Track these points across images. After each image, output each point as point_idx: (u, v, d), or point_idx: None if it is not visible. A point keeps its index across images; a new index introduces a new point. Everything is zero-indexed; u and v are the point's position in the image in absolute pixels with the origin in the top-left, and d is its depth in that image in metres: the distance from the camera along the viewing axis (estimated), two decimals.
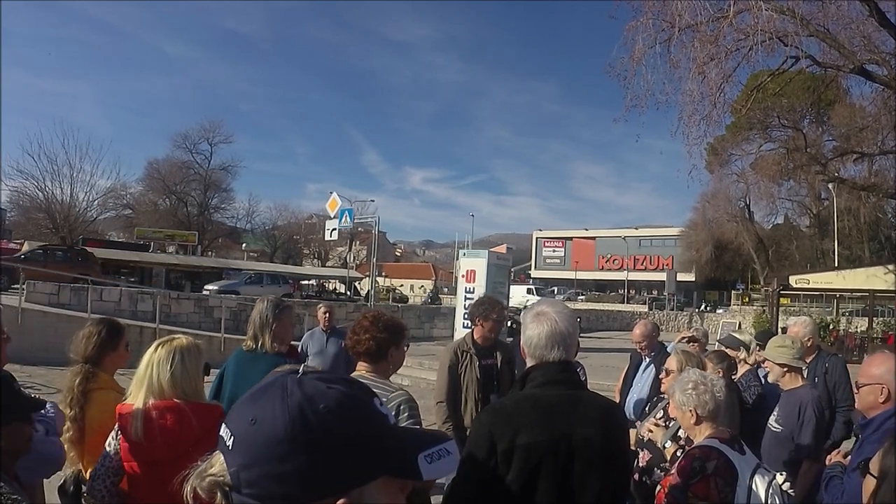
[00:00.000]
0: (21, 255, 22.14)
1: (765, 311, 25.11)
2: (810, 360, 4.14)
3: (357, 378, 1.03)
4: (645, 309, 41.60)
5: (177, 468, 0.74)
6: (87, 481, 2.33)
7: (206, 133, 48.27)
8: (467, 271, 12.58)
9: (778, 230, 46.20)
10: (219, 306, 16.86)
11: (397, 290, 48.17)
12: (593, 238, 71.87)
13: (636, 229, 70.51)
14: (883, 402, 2.30)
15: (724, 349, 4.48)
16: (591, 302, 50.74)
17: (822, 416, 3.26)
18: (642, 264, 67.09)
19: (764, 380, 3.94)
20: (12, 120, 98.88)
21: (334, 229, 23.32)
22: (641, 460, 3.10)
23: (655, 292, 58.92)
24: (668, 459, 2.82)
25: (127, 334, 2.86)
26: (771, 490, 2.24)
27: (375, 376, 2.40)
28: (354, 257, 54.61)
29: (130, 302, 15.58)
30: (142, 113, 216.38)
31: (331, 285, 44.91)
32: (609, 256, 69.50)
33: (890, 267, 18.14)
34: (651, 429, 3.08)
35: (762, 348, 4.07)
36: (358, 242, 58.82)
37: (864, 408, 2.39)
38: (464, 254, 14.14)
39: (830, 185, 29.24)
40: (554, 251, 74.91)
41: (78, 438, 2.48)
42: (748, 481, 2.24)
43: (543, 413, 1.72)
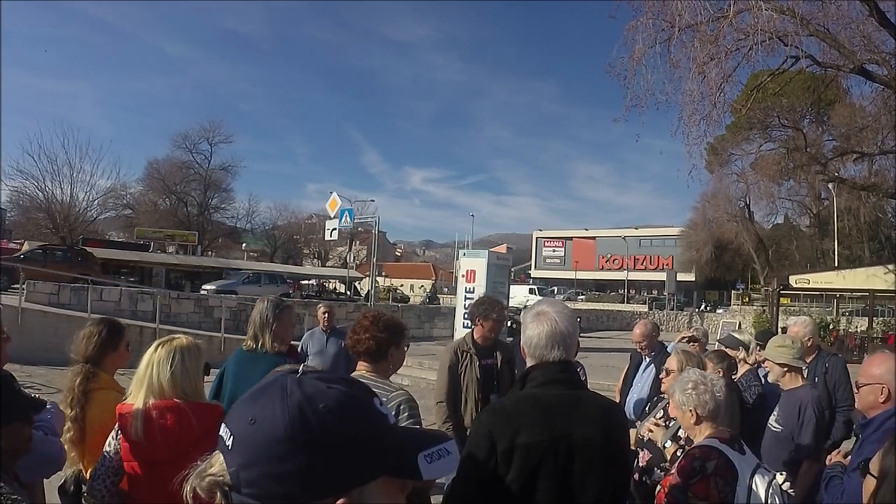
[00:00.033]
0: (21, 254, 22.13)
1: (765, 310, 25.09)
2: (810, 359, 4.14)
3: (357, 378, 1.03)
4: (645, 309, 41.62)
5: (177, 468, 0.74)
6: (87, 481, 2.33)
7: (206, 133, 48.40)
8: (467, 271, 12.58)
9: (778, 230, 46.20)
10: (219, 306, 16.86)
11: (398, 289, 48.17)
12: (593, 238, 71.90)
13: (636, 229, 70.51)
14: (883, 402, 2.30)
15: (724, 349, 4.48)
16: (591, 302, 50.75)
17: (822, 416, 3.26)
18: (642, 264, 67.09)
19: (764, 380, 3.94)
20: (12, 120, 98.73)
21: (334, 229, 23.32)
22: (641, 460, 3.10)
23: (655, 292, 58.93)
24: (668, 459, 2.82)
25: (127, 334, 2.86)
26: (771, 490, 2.24)
27: (375, 376, 2.40)
28: (354, 257, 54.62)
29: (130, 302, 15.58)
30: (142, 113, 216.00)
31: (331, 285, 44.91)
32: (609, 256, 69.51)
33: (890, 267, 18.14)
34: (651, 429, 3.08)
35: (762, 348, 4.07)
36: (358, 242, 58.83)
37: (864, 408, 2.40)
38: (464, 254, 14.16)
39: (830, 185, 29.23)
40: (554, 251, 74.93)
41: (78, 438, 2.47)
42: (748, 481, 2.24)
43: (543, 413, 1.72)
